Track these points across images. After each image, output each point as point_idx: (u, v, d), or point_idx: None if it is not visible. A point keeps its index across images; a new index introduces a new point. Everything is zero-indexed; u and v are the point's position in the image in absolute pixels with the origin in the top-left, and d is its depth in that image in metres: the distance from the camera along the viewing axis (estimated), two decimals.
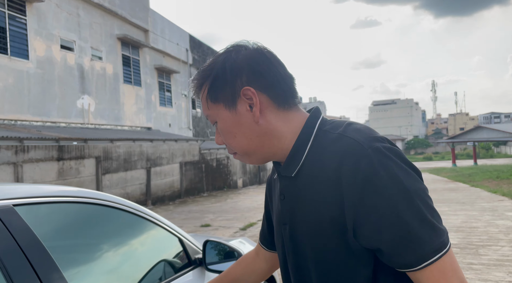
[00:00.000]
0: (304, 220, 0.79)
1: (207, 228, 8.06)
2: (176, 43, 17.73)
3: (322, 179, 0.75)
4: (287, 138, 0.83)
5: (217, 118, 0.84)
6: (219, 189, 17.62)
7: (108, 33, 13.48)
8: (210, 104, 0.84)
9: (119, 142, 11.11)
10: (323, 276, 0.79)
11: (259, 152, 0.85)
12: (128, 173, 11.43)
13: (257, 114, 0.80)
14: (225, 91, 0.81)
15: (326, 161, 0.76)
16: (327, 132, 0.80)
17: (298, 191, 0.81)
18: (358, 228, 0.71)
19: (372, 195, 0.69)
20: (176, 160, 14.20)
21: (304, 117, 0.85)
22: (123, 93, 14.11)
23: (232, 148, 0.86)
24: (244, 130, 0.82)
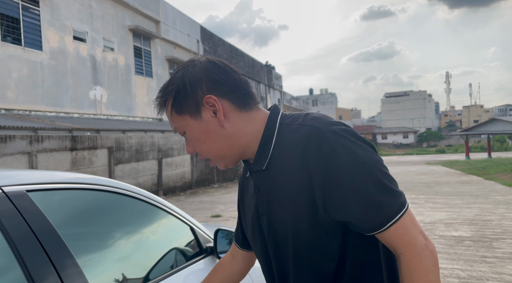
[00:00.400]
0: (280, 207, 0.86)
1: (217, 218, 8.11)
2: (187, 34, 17.71)
3: (290, 167, 0.83)
4: (253, 137, 0.90)
5: (185, 129, 0.89)
6: (230, 180, 17.70)
7: (120, 24, 13.52)
8: (176, 117, 0.89)
9: (131, 132, 11.21)
10: (299, 254, 0.86)
11: (230, 153, 0.90)
12: (140, 163, 11.54)
13: (221, 119, 0.86)
14: (188, 102, 0.87)
15: (291, 150, 0.83)
16: (288, 125, 0.87)
17: (271, 182, 0.88)
18: (327, 204, 0.79)
19: (335, 172, 0.77)
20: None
21: (265, 115, 0.92)
22: (135, 85, 14.19)
23: (203, 154, 0.91)
24: (212, 136, 0.88)
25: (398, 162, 28.04)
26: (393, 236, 0.78)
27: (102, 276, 1.19)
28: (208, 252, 1.81)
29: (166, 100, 0.90)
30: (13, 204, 0.94)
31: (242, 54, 24.49)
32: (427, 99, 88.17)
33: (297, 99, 39.69)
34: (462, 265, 4.27)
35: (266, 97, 28.31)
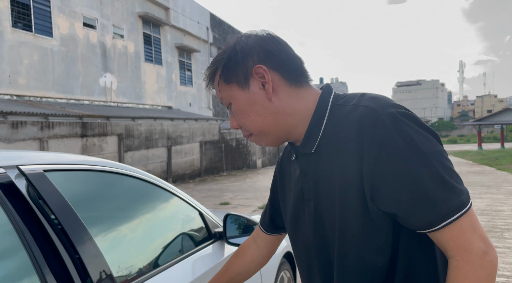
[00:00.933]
0: (328, 193, 0.81)
1: (226, 206, 8.16)
2: (196, 22, 17.60)
3: (342, 151, 0.77)
4: (301, 116, 0.84)
5: (231, 99, 0.85)
6: (238, 168, 17.74)
7: (129, 11, 13.48)
8: (223, 86, 0.85)
9: (141, 120, 11.26)
10: (345, 245, 0.80)
11: (274, 130, 0.85)
12: (150, 150, 11.62)
13: (269, 91, 0.82)
14: (237, 71, 0.83)
15: (343, 133, 0.77)
16: (341, 106, 0.82)
17: (320, 166, 0.82)
18: (376, 192, 0.73)
19: (387, 159, 0.71)
20: (196, 139, 14.31)
21: (317, 94, 0.86)
22: (144, 72, 14.20)
23: (247, 128, 0.87)
24: (258, 109, 0.83)
25: None
26: (446, 237, 0.69)
27: (116, 258, 1.19)
28: (217, 237, 1.81)
29: (216, 70, 0.86)
30: (30, 183, 0.94)
31: None
32: (440, 88, 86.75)
33: None
34: None
35: None
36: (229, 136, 16.99)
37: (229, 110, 0.89)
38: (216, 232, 1.83)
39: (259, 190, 10.39)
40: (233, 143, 17.34)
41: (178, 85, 16.45)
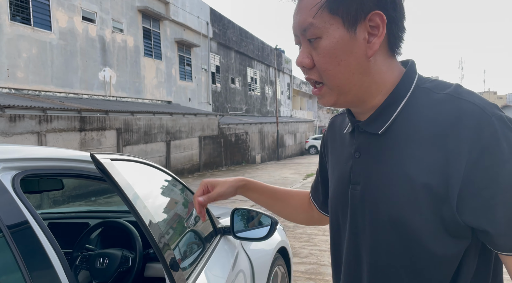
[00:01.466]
0: (387, 182, 0.70)
1: (224, 200, 8.18)
2: (196, 16, 17.52)
3: (422, 141, 0.66)
4: (385, 88, 0.72)
5: (324, 34, 0.68)
6: (238, 163, 17.75)
7: (129, 5, 13.41)
8: (324, 14, 0.68)
9: (140, 114, 11.25)
10: (399, 249, 0.69)
11: (353, 92, 0.72)
12: (148, 145, 11.61)
13: (375, 48, 0.68)
14: (351, 6, 0.67)
15: (431, 123, 0.66)
16: (429, 91, 0.70)
17: (383, 150, 0.71)
18: (465, 202, 0.63)
19: (489, 168, 0.61)
20: (195, 134, 14.30)
21: (401, 70, 0.74)
22: (144, 66, 14.16)
23: (326, 76, 0.71)
24: (351, 61, 0.69)
25: None
26: None
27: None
28: (221, 232, 1.82)
29: None
30: (101, 170, 1.05)
31: (252, 37, 24.20)
32: None
33: (307, 84, 39.31)
34: None
35: (275, 81, 28.09)
36: (228, 132, 16.98)
37: (305, 43, 0.72)
38: (220, 228, 1.84)
39: None
40: (232, 138, 17.34)
41: (178, 80, 16.41)
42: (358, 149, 0.76)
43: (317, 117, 41.19)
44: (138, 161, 1.49)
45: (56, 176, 1.44)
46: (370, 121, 0.74)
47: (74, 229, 2.07)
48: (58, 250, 0.91)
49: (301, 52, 0.73)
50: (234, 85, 21.80)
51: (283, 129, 24.94)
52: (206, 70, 18.64)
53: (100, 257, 1.65)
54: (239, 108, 22.28)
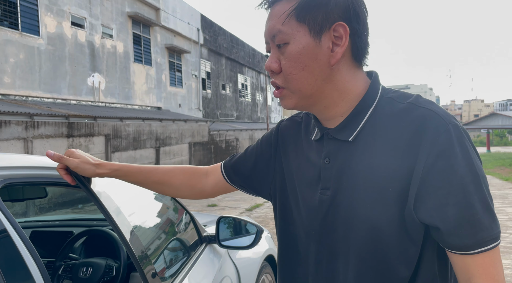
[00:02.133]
0: (358, 186, 0.73)
1: (213, 207, 8.13)
2: (187, 23, 17.54)
3: (387, 147, 0.71)
4: (348, 97, 0.76)
5: (291, 40, 0.73)
6: None
7: (119, 11, 13.37)
8: (291, 21, 0.72)
9: (129, 120, 11.17)
10: (366, 248, 0.73)
11: (314, 98, 0.76)
12: (137, 151, 11.52)
13: (337, 56, 0.73)
14: (317, 15, 0.71)
15: (395, 129, 0.71)
16: (393, 100, 0.75)
17: (353, 156, 0.75)
18: (421, 201, 0.68)
19: (444, 171, 0.67)
20: (185, 140, 14.25)
21: (366, 81, 0.79)
22: (134, 72, 14.10)
23: (289, 80, 0.75)
24: (315, 67, 0.73)
25: None
26: (477, 263, 0.68)
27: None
28: (207, 241, 1.80)
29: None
30: (76, 178, 1.03)
31: (243, 43, 24.30)
32: (428, 92, 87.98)
33: None
34: None
35: (266, 88, 28.21)
36: (219, 138, 16.95)
37: (274, 49, 0.76)
38: (205, 236, 1.82)
39: None
40: (223, 145, 17.31)
41: (168, 86, 16.36)
42: (328, 155, 0.79)
43: None
44: None
45: (39, 184, 1.41)
46: (339, 129, 0.77)
47: (58, 237, 2.03)
48: (37, 259, 0.89)
49: (270, 57, 0.77)
50: (225, 92, 21.81)
51: None
52: (196, 76, 18.63)
53: (84, 266, 1.62)
54: (229, 115, 22.28)
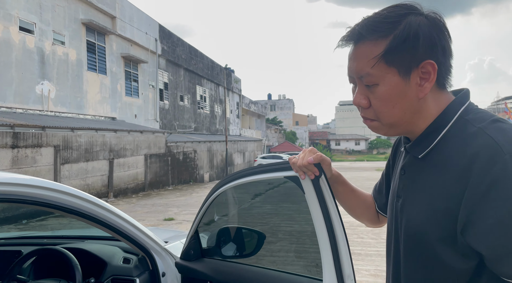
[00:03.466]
0: (417, 202, 0.80)
1: (170, 222, 7.90)
2: (145, 32, 17.22)
3: (449, 169, 0.74)
4: (428, 119, 0.80)
5: (381, 82, 0.76)
6: (185, 182, 17.36)
7: (72, 18, 12.86)
8: (381, 65, 0.75)
9: (81, 131, 10.66)
10: (415, 257, 0.79)
11: (403, 126, 0.81)
12: (90, 163, 11.00)
13: (426, 91, 0.76)
14: (406, 57, 0.74)
15: (458, 153, 0.73)
16: (468, 123, 0.76)
17: (420, 173, 0.80)
18: (470, 226, 0.70)
19: (496, 200, 0.67)
20: (141, 151, 13.83)
21: (448, 101, 0.80)
22: (87, 81, 13.55)
23: (381, 117, 0.80)
24: (404, 103, 0.77)
25: (350, 167, 29.01)
26: None
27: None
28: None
29: (378, 38, 0.75)
30: None
31: (202, 55, 24.24)
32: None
33: (255, 103, 39.93)
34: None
35: (225, 100, 28.22)
36: (176, 150, 16.63)
37: (361, 86, 0.80)
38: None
39: None
40: (180, 156, 16.99)
41: (124, 96, 15.88)
42: (404, 167, 0.86)
43: (266, 137, 41.80)
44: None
45: None
46: (414, 146, 0.83)
47: (3, 257, 1.87)
48: None
49: (358, 93, 0.81)
50: (183, 103, 21.54)
51: (232, 148, 24.94)
52: (154, 86, 18.25)
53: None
54: (187, 126, 21.98)
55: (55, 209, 1.32)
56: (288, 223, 1.95)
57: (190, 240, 1.59)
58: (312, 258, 1.79)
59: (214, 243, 1.60)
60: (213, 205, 1.59)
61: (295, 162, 1.05)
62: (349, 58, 0.80)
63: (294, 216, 1.84)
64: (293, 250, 1.89)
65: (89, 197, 1.42)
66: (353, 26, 0.79)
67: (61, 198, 1.31)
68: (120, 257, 1.77)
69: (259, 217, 2.13)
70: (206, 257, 1.61)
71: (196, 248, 1.61)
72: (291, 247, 1.94)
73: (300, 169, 1.04)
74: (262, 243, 1.50)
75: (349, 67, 0.81)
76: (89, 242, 2.04)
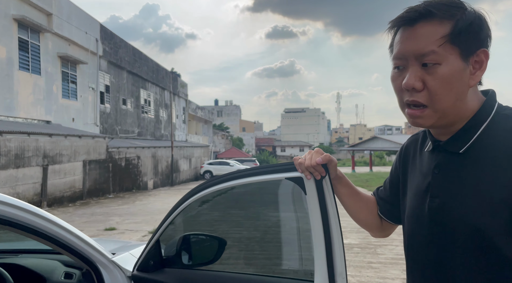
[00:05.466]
0: (466, 197, 0.78)
1: (112, 231, 7.48)
2: (84, 32, 16.31)
3: (499, 162, 0.75)
4: (469, 111, 0.81)
5: (444, 62, 0.77)
6: (128, 190, 16.62)
7: (2, 13, 11.82)
8: (447, 45, 0.77)
9: (10, 135, 9.77)
10: (475, 254, 0.77)
11: (451, 117, 0.81)
12: (20, 170, 10.11)
13: (478, 79, 0.79)
14: (470, 40, 0.77)
15: (507, 144, 0.75)
16: (508, 117, 0.79)
17: (463, 168, 0.80)
18: None
19: None
20: (79, 157, 13.00)
21: (481, 98, 0.84)
22: (18, 81, 12.49)
23: (436, 100, 0.78)
24: (459, 88, 0.78)
25: None
26: None
27: None
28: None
29: (444, 18, 0.77)
30: None
31: (146, 58, 23.52)
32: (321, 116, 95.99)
33: (202, 109, 39.53)
34: (352, 271, 4.60)
35: (170, 105, 27.56)
36: (118, 155, 15.87)
37: (415, 67, 0.79)
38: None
39: (150, 213, 9.83)
40: (122, 163, 16.24)
41: (60, 98, 14.85)
42: (438, 166, 0.85)
43: (213, 143, 41.49)
44: None
45: None
46: (451, 141, 0.83)
47: None
48: None
49: (412, 75, 0.79)
50: (126, 107, 20.68)
51: (178, 154, 24.39)
52: (94, 89, 17.31)
53: None
54: (130, 131, 21.12)
55: None
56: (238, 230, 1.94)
57: (149, 250, 1.48)
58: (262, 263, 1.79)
59: (175, 252, 1.51)
60: (185, 211, 1.51)
61: (301, 162, 1.05)
62: (405, 37, 0.80)
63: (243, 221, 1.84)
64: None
65: (24, 204, 1.27)
66: (413, 6, 0.81)
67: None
68: (61, 272, 1.62)
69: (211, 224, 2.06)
70: (166, 267, 1.51)
71: (156, 258, 1.50)
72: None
73: (307, 169, 1.03)
74: (223, 249, 1.44)
75: (403, 48, 0.81)
76: (24, 256, 1.84)
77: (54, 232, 1.34)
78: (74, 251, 1.42)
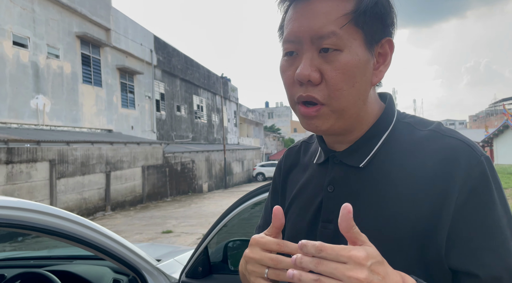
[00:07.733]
0: (367, 222, 0.61)
1: (168, 234, 7.78)
2: (139, 44, 17.23)
3: (408, 180, 0.61)
4: (371, 118, 0.67)
5: (346, 48, 0.60)
6: (184, 193, 17.22)
7: (66, 31, 12.85)
8: (350, 27, 0.60)
9: (76, 144, 10.56)
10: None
11: (351, 119, 0.64)
12: (86, 177, 10.88)
13: (381, 76, 0.64)
14: (376, 24, 0.61)
15: (416, 161, 0.61)
16: (411, 126, 0.66)
17: (363, 186, 0.64)
18: (454, 245, 0.58)
19: (479, 210, 0.57)
20: (138, 163, 13.72)
21: (381, 103, 0.70)
22: (82, 94, 13.49)
23: (335, 96, 0.61)
24: (362, 85, 0.62)
25: None
26: None
27: None
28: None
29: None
30: None
31: (198, 65, 24.27)
32: None
33: (253, 112, 39.95)
34: None
35: (222, 109, 28.18)
36: (174, 160, 16.52)
37: (310, 53, 0.61)
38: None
39: (204, 216, 10.09)
40: (178, 167, 16.87)
41: (120, 108, 15.81)
42: (332, 182, 0.68)
43: (264, 145, 41.76)
44: None
45: None
46: (349, 152, 0.67)
47: None
48: None
49: (306, 64, 0.61)
50: (180, 113, 21.49)
51: (231, 157, 24.84)
52: (150, 97, 18.20)
53: None
54: (185, 136, 21.90)
55: (36, 231, 1.23)
56: None
57: (198, 256, 1.51)
58: None
59: (221, 258, 1.51)
60: (236, 217, 1.52)
61: None
62: (300, 14, 0.62)
63: None
64: None
65: (73, 216, 1.34)
66: None
67: (43, 219, 1.23)
68: (110, 279, 1.69)
69: None
70: (214, 273, 1.52)
71: (205, 264, 1.52)
72: None
73: None
74: None
75: (296, 27, 0.62)
76: (77, 262, 1.95)
77: (100, 241, 1.40)
78: (119, 259, 1.48)
